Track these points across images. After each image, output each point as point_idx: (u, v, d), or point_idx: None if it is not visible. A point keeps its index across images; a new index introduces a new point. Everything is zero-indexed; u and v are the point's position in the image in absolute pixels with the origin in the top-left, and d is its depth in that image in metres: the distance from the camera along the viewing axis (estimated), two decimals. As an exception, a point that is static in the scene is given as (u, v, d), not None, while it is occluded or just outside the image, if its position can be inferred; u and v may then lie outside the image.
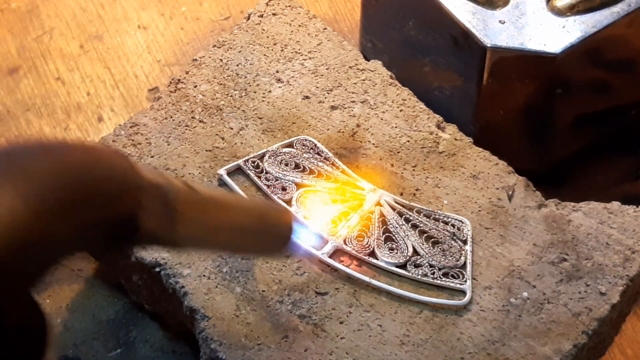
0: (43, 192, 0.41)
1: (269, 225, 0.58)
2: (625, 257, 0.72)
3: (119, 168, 0.45)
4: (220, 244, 0.55)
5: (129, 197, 0.45)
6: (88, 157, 0.44)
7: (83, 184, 0.43)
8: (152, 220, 0.46)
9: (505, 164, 0.77)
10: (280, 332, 0.69)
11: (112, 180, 0.45)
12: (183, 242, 0.51)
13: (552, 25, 0.78)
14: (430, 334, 0.69)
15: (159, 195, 0.47)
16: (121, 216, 0.45)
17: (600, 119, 0.85)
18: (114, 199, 0.44)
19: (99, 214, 0.44)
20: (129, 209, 0.45)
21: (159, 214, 0.47)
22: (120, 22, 0.95)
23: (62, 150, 0.44)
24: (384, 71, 0.81)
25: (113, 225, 0.45)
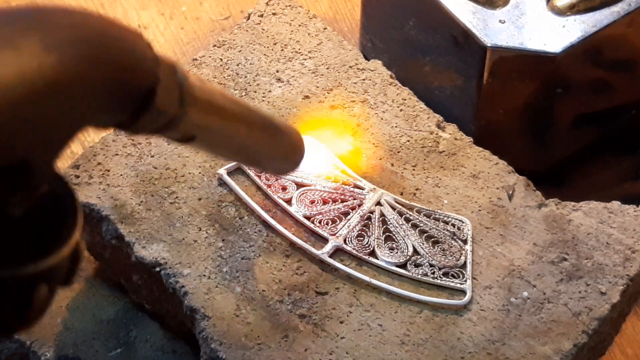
0: (71, 48, 0.41)
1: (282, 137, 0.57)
2: (625, 256, 0.72)
3: (143, 42, 0.45)
4: (227, 144, 0.54)
5: (149, 70, 0.45)
6: (114, 23, 0.45)
7: (109, 47, 0.43)
8: (167, 96, 0.46)
9: (505, 164, 0.77)
10: (281, 331, 0.69)
11: (136, 50, 0.45)
12: (196, 132, 0.50)
13: (552, 25, 0.78)
14: (430, 333, 0.69)
15: (175, 73, 0.47)
16: (140, 85, 0.45)
17: (600, 119, 0.85)
18: (135, 67, 0.44)
19: (121, 79, 0.44)
20: (148, 80, 0.45)
21: (174, 92, 0.47)
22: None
23: (92, 15, 0.44)
24: (384, 71, 0.81)
25: (132, 95, 0.44)
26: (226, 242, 0.72)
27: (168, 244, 0.72)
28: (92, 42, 0.43)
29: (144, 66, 0.45)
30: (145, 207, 0.74)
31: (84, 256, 0.47)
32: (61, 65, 0.41)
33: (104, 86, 0.43)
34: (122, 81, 0.44)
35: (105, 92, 0.43)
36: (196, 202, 0.74)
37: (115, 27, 0.44)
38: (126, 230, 0.72)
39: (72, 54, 0.41)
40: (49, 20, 0.42)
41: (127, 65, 0.44)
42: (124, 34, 0.45)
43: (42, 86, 0.40)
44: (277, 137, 0.57)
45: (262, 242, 0.73)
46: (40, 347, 0.75)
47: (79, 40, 0.42)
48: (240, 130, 0.53)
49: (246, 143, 0.55)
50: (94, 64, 0.42)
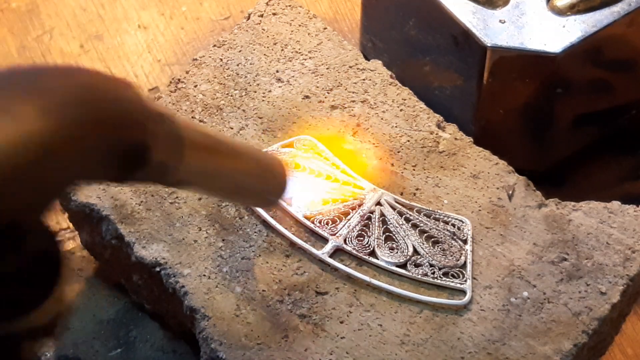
0: (61, 109, 0.42)
1: (268, 172, 0.59)
2: (625, 256, 0.72)
3: (133, 95, 0.46)
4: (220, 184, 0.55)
5: (140, 123, 0.46)
6: (103, 80, 0.45)
7: (99, 105, 0.44)
8: (161, 149, 0.47)
9: (505, 164, 0.77)
10: (281, 331, 0.69)
11: (127, 105, 0.45)
12: (187, 179, 0.51)
13: (553, 25, 0.78)
14: (430, 333, 0.69)
15: (168, 125, 0.48)
16: (133, 140, 0.45)
17: (600, 118, 0.85)
18: (127, 122, 0.45)
19: (112, 135, 0.44)
20: (141, 134, 0.46)
21: (168, 143, 0.48)
22: (120, 22, 0.95)
23: (79, 73, 0.45)
24: (384, 71, 0.81)
25: (125, 150, 0.45)
26: (226, 242, 0.72)
27: (168, 244, 0.72)
28: (86, 103, 0.43)
29: (136, 122, 0.46)
30: (145, 207, 0.74)
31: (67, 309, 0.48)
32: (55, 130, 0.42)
33: (96, 145, 0.44)
34: (114, 139, 0.45)
35: (97, 150, 0.44)
36: (196, 202, 0.74)
37: (107, 83, 0.45)
38: (126, 230, 0.72)
39: (65, 118, 0.42)
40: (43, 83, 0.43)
41: (119, 122, 0.45)
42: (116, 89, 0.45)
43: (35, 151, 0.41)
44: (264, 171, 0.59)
45: (262, 242, 0.73)
46: (40, 347, 0.75)
47: (73, 103, 0.43)
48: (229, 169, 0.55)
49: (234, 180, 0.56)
50: (86, 125, 0.43)
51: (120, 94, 0.45)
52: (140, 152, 0.46)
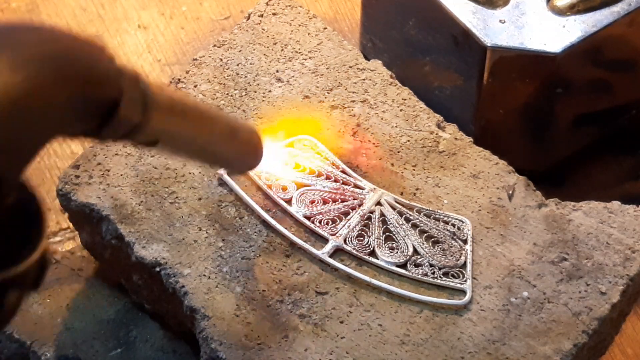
0: (33, 63, 0.43)
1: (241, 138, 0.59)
2: (625, 256, 0.72)
3: (105, 54, 0.47)
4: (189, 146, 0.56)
5: (112, 81, 0.47)
6: (77, 38, 0.46)
7: (73, 63, 0.45)
8: (131, 106, 0.48)
9: (505, 164, 0.77)
10: (281, 331, 0.69)
11: (99, 63, 0.46)
12: (160, 137, 0.52)
13: (553, 25, 0.78)
14: (430, 333, 0.69)
15: (137, 83, 0.49)
16: (103, 96, 0.46)
17: (600, 118, 0.85)
18: (99, 79, 0.46)
19: (83, 91, 0.45)
20: (111, 90, 0.47)
21: (137, 101, 0.49)
22: (120, 22, 0.95)
23: (56, 32, 0.45)
24: (384, 71, 0.81)
25: (95, 106, 0.46)
26: (226, 242, 0.72)
27: (168, 244, 0.72)
28: (58, 59, 0.44)
29: (108, 79, 0.46)
30: (145, 207, 0.74)
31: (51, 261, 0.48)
32: (28, 84, 0.42)
33: (69, 101, 0.44)
34: (87, 95, 0.45)
35: (71, 106, 0.45)
36: (196, 202, 0.74)
37: (79, 41, 0.46)
38: (126, 230, 0.72)
39: (38, 72, 0.43)
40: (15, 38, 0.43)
41: (91, 79, 0.46)
42: (87, 47, 0.46)
43: (8, 105, 0.41)
44: (237, 137, 0.59)
45: (262, 242, 0.73)
46: (41, 347, 0.75)
47: (45, 58, 0.43)
48: (201, 133, 0.56)
49: (207, 145, 0.57)
50: (59, 80, 0.44)
51: (93, 53, 0.46)
52: (109, 107, 0.47)
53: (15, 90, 0.42)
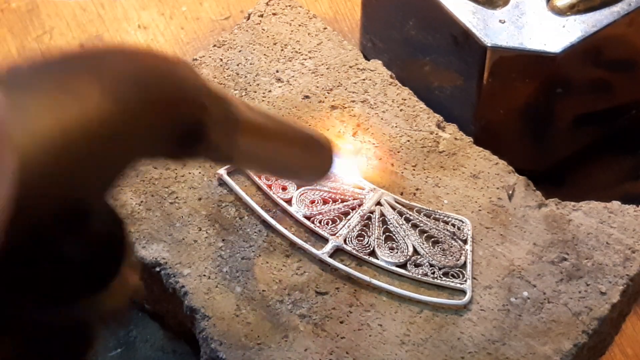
0: (126, 90, 0.42)
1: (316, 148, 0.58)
2: (625, 256, 0.72)
3: (191, 74, 0.46)
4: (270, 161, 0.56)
5: (199, 103, 0.46)
6: (164, 61, 0.46)
7: (159, 84, 0.44)
8: (217, 128, 0.47)
9: (505, 164, 0.77)
10: (281, 331, 0.69)
11: (185, 84, 0.46)
12: (239, 156, 0.51)
13: (553, 25, 0.78)
14: (430, 333, 0.69)
15: (223, 105, 0.48)
16: (191, 120, 0.46)
17: (600, 118, 0.85)
18: (186, 103, 0.46)
19: (171, 114, 0.45)
20: (198, 114, 0.46)
21: (223, 123, 0.48)
22: (120, 22, 0.95)
23: (141, 54, 0.45)
24: (384, 71, 0.81)
25: (183, 129, 0.45)
26: (226, 242, 0.72)
27: (168, 244, 0.72)
28: (147, 83, 0.44)
29: (194, 100, 0.46)
30: (145, 207, 0.74)
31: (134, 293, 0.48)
32: (118, 109, 0.42)
33: (157, 124, 0.44)
34: (173, 116, 0.45)
35: (159, 129, 0.44)
36: (196, 202, 0.74)
37: (165, 61, 0.45)
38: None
39: (128, 97, 0.42)
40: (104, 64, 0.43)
41: (178, 100, 0.45)
42: (174, 67, 0.45)
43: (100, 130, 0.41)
44: (312, 150, 0.58)
45: (262, 242, 0.73)
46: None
47: (134, 83, 0.43)
48: (278, 150, 0.55)
49: (282, 160, 0.56)
50: (148, 104, 0.43)
51: (179, 73, 0.46)
52: (197, 130, 0.46)
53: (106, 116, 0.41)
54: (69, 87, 0.41)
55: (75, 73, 0.42)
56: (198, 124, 0.46)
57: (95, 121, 0.41)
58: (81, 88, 0.41)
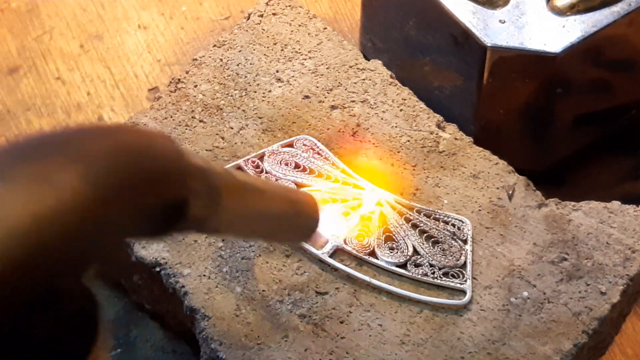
0: (103, 174, 0.41)
1: (300, 211, 0.58)
2: (625, 256, 0.72)
3: (171, 151, 0.45)
4: (255, 229, 0.55)
5: (180, 179, 0.45)
6: (142, 140, 0.44)
7: (139, 167, 0.43)
8: (199, 204, 0.46)
9: (505, 164, 0.77)
10: (281, 331, 0.69)
11: (165, 163, 0.45)
12: (224, 228, 0.51)
13: (552, 25, 0.78)
14: (430, 333, 0.69)
15: (205, 179, 0.47)
16: (173, 199, 0.45)
17: (600, 118, 0.85)
18: (167, 182, 0.44)
19: (153, 196, 0.44)
20: (180, 191, 0.45)
21: (205, 197, 0.47)
22: (120, 22, 0.95)
23: (117, 134, 0.44)
24: (384, 71, 0.81)
25: (165, 209, 0.44)
26: (226, 242, 0.72)
27: (168, 244, 0.72)
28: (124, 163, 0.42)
29: (176, 178, 0.45)
30: (145, 207, 0.74)
31: None
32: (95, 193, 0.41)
33: (137, 205, 0.43)
34: (155, 197, 0.44)
35: (139, 210, 0.43)
36: (196, 202, 0.74)
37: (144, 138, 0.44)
38: (126, 230, 0.72)
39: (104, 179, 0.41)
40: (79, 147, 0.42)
41: (159, 180, 0.44)
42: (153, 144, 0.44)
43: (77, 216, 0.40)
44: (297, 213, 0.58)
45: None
46: None
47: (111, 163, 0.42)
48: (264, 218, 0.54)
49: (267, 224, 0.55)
50: (126, 185, 0.42)
51: (158, 150, 0.44)
52: (179, 208, 0.45)
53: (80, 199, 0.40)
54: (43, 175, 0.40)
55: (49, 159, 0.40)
56: (180, 201, 0.45)
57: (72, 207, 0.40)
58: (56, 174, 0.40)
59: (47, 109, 0.90)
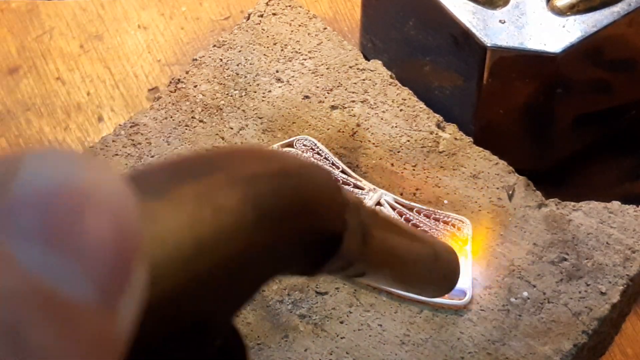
0: (267, 197, 0.38)
1: (442, 261, 0.53)
2: (625, 256, 0.72)
3: (331, 181, 0.42)
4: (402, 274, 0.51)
5: (339, 213, 0.42)
6: (305, 166, 0.42)
7: (303, 194, 0.40)
8: (353, 240, 0.43)
9: (505, 164, 0.77)
10: (281, 331, 0.69)
11: (327, 193, 0.41)
12: (371, 269, 0.47)
13: (552, 25, 0.78)
14: (430, 333, 0.69)
15: (359, 215, 0.44)
16: (331, 232, 0.42)
17: (601, 118, 0.85)
18: (328, 213, 0.41)
19: (313, 227, 0.41)
20: (338, 225, 0.42)
21: (359, 234, 0.44)
22: (120, 22, 0.95)
23: (280, 157, 0.41)
24: (384, 71, 0.81)
25: (322, 242, 0.41)
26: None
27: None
28: (290, 194, 0.39)
29: (335, 214, 0.42)
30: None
31: None
32: (260, 224, 0.37)
33: (298, 240, 0.40)
34: (315, 233, 0.41)
35: (297, 241, 0.40)
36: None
37: (308, 173, 0.41)
38: (126, 230, 0.72)
39: (270, 209, 0.38)
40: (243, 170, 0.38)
41: (321, 215, 0.41)
42: (317, 180, 0.41)
43: (237, 240, 0.37)
44: (439, 263, 0.53)
45: (262, 242, 0.73)
46: None
47: (278, 193, 0.39)
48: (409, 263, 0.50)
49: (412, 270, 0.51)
50: (291, 216, 0.39)
51: (322, 180, 0.41)
52: (334, 243, 0.42)
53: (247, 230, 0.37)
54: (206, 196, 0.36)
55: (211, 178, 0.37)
56: (336, 235, 0.42)
57: (234, 232, 0.36)
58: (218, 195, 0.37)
59: (47, 109, 0.90)
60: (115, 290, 0.27)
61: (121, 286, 0.27)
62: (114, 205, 0.27)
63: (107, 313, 0.26)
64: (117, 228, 0.27)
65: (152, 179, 0.36)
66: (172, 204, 0.35)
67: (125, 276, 0.27)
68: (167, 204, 0.35)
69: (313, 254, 0.41)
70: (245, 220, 0.37)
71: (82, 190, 0.27)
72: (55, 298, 0.25)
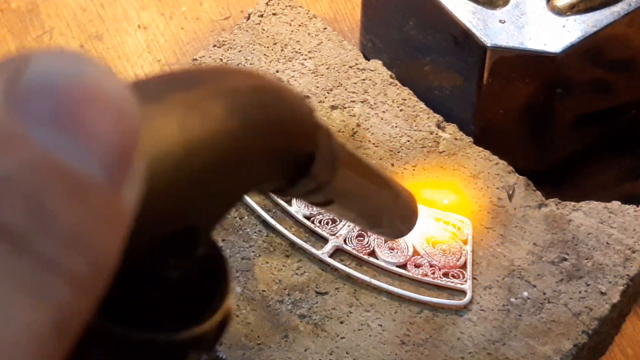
0: (248, 109, 0.41)
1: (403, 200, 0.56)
2: (625, 256, 0.72)
3: (306, 104, 0.45)
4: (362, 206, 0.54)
5: (312, 133, 0.45)
6: (283, 86, 0.44)
7: (281, 109, 0.43)
8: (322, 164, 0.46)
9: (505, 164, 0.77)
10: (281, 331, 0.69)
11: (302, 113, 0.44)
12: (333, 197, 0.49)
13: (553, 25, 0.78)
14: (430, 333, 0.69)
15: (329, 140, 0.47)
16: (304, 150, 0.44)
17: (601, 118, 0.85)
18: (302, 131, 0.44)
19: (288, 142, 0.43)
20: (310, 145, 0.45)
21: (328, 158, 0.46)
22: (120, 22, 0.95)
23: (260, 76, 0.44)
24: (384, 71, 0.81)
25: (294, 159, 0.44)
26: (226, 242, 0.72)
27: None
28: (269, 107, 0.42)
29: (309, 132, 0.45)
30: (145, 207, 0.74)
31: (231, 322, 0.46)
32: (243, 131, 0.40)
33: (276, 152, 0.43)
34: (291, 147, 0.43)
35: (276, 158, 0.43)
36: (196, 202, 0.74)
37: (286, 91, 0.44)
38: (126, 230, 0.72)
39: (252, 119, 0.41)
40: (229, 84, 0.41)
41: (297, 131, 0.44)
42: (293, 99, 0.44)
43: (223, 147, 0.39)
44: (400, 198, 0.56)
45: (262, 242, 0.73)
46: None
47: (259, 105, 0.41)
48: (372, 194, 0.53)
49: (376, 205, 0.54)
50: (270, 129, 0.42)
51: (298, 100, 0.44)
52: (306, 162, 0.44)
53: (228, 131, 0.39)
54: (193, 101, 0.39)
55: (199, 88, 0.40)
56: (308, 155, 0.44)
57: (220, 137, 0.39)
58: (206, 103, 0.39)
59: (47, 109, 0.90)
60: (120, 174, 0.30)
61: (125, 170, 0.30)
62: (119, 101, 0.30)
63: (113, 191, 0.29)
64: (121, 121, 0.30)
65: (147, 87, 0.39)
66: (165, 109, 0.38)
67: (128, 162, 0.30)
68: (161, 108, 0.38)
69: (288, 169, 0.44)
70: (230, 127, 0.39)
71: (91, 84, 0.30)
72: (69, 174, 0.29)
